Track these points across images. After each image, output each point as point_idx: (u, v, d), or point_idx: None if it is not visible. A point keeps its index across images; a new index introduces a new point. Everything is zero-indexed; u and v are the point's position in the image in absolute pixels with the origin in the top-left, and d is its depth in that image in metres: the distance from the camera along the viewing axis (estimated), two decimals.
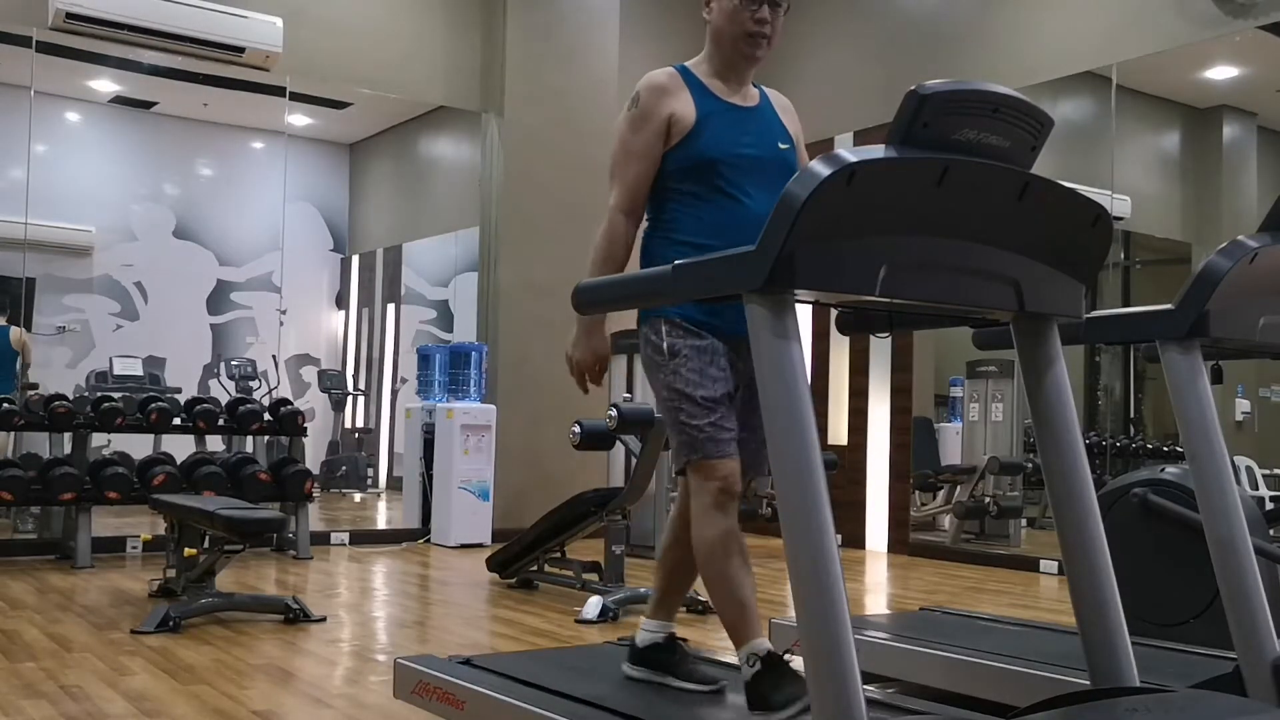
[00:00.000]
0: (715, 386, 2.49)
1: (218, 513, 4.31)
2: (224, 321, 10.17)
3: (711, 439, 2.47)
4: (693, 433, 2.48)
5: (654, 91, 2.56)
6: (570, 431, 5.06)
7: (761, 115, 2.65)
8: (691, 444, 2.48)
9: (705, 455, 2.47)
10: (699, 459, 2.48)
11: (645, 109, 2.55)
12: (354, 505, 10.05)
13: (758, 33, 2.56)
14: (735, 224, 2.46)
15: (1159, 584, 3.52)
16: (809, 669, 1.59)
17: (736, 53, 2.59)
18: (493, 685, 2.61)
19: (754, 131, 2.60)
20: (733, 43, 2.58)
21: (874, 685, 3.15)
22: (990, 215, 1.77)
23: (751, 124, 2.61)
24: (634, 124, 2.56)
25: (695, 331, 2.50)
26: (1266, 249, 2.38)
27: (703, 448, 2.47)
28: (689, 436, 2.48)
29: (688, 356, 2.49)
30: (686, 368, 2.49)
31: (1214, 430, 2.41)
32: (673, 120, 2.54)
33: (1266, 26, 6.00)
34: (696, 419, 2.47)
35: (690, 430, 2.48)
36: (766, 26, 2.56)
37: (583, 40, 8.04)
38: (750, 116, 2.62)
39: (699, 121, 2.54)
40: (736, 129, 2.57)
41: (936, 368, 8.01)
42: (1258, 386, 6.77)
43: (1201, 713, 1.80)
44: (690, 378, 2.48)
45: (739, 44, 2.57)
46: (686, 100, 2.56)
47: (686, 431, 2.49)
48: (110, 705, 3.10)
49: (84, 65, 7.89)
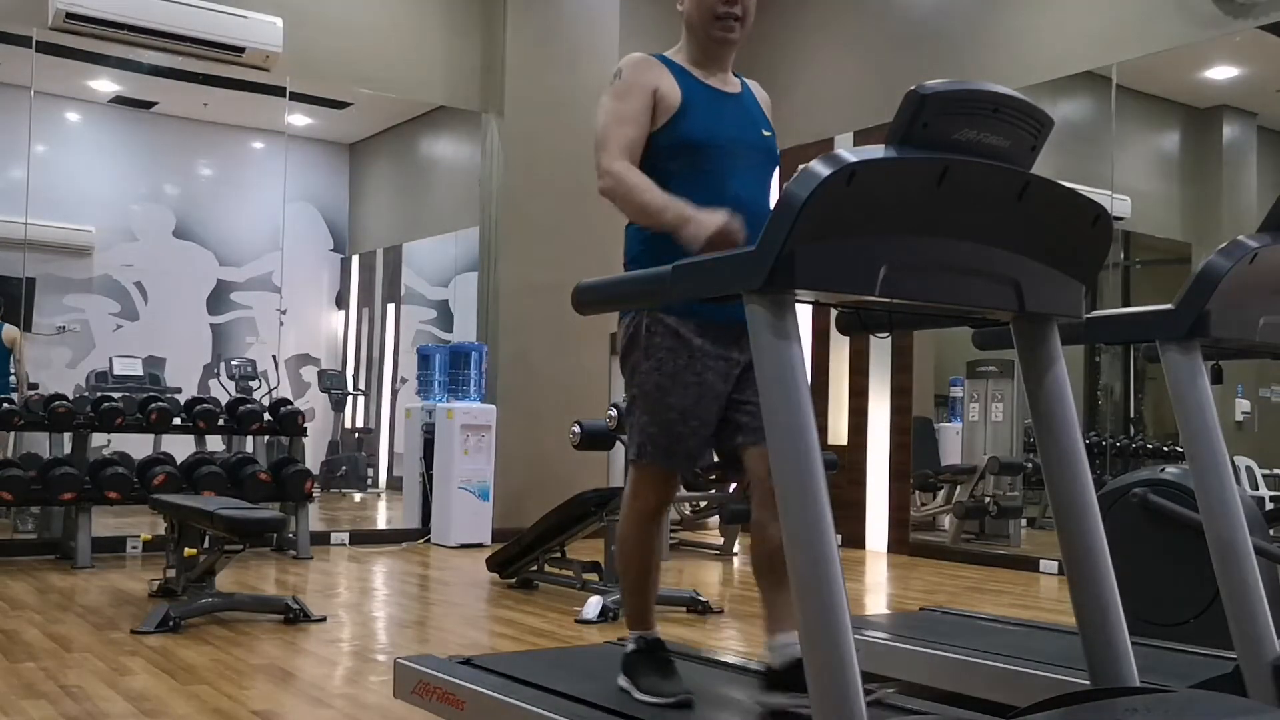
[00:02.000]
0: (686, 393, 2.46)
1: (218, 513, 4.31)
2: (224, 321, 10.17)
3: (664, 450, 2.50)
4: (642, 437, 2.52)
5: (637, 66, 2.55)
6: (570, 431, 5.06)
7: (743, 102, 2.65)
8: (641, 447, 2.53)
9: (650, 460, 2.52)
10: (646, 464, 2.53)
11: (629, 80, 2.52)
12: (354, 505, 10.05)
13: (727, 13, 2.54)
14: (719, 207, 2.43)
15: (1159, 584, 3.52)
16: (809, 669, 1.59)
17: (709, 38, 2.57)
18: (493, 685, 2.61)
19: (736, 116, 2.59)
20: (704, 28, 2.56)
21: (874, 685, 3.14)
22: (990, 215, 1.76)
23: (734, 109, 2.60)
24: (619, 93, 2.51)
25: (675, 331, 2.46)
26: (1266, 249, 2.38)
27: (651, 455, 2.51)
28: (644, 437, 2.52)
29: (662, 360, 2.47)
30: (660, 372, 2.47)
31: (1214, 430, 2.41)
32: (659, 95, 2.50)
33: (1266, 26, 5.99)
34: (654, 425, 2.50)
35: (648, 432, 2.51)
36: (736, 7, 2.54)
37: (583, 41, 8.04)
38: (733, 102, 2.62)
39: (684, 105, 2.51)
40: (719, 113, 2.56)
41: (936, 368, 8.01)
42: (1258, 386, 6.77)
43: (1201, 713, 1.80)
44: (660, 381, 2.48)
45: (710, 28, 2.55)
46: (670, 80, 2.54)
47: (645, 432, 2.52)
48: (110, 705, 3.10)
49: (84, 65, 7.88)
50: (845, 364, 8.06)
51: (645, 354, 2.49)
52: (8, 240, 7.52)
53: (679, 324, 2.46)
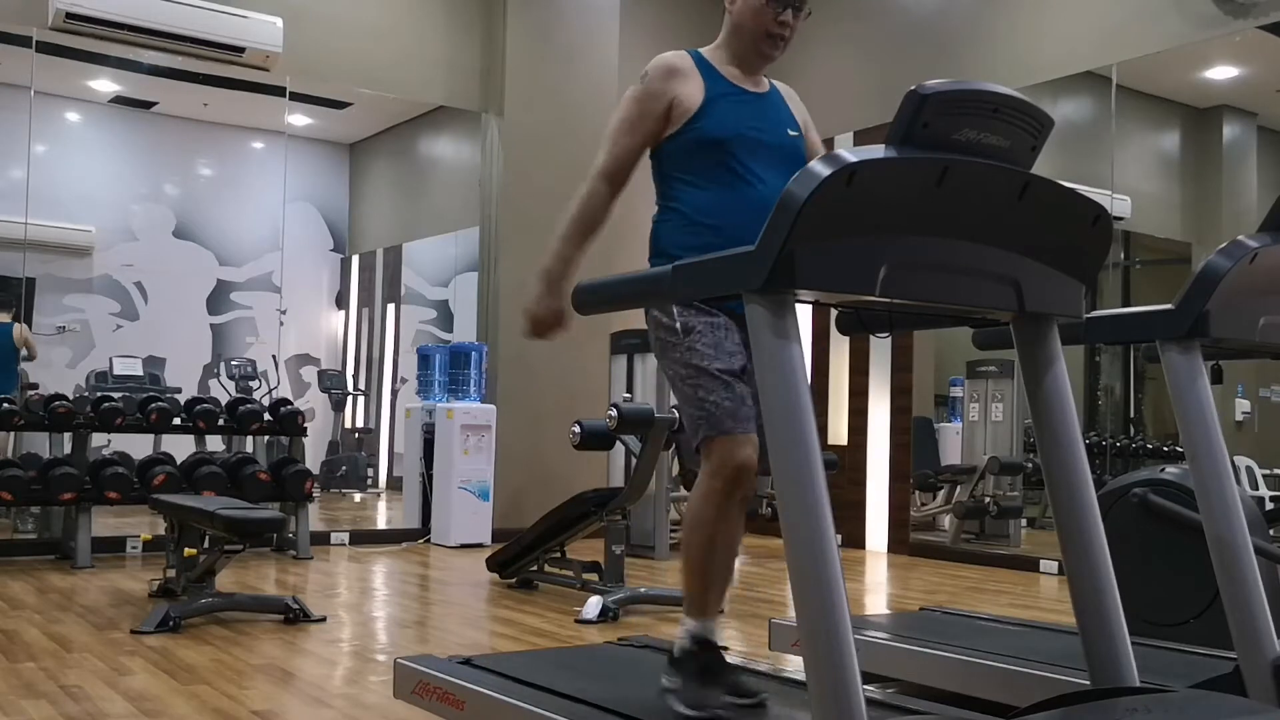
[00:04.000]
0: (733, 360, 2.44)
1: (218, 513, 4.31)
2: (224, 321, 10.16)
3: (730, 414, 2.39)
4: (710, 408, 2.40)
5: (663, 74, 2.58)
6: (570, 431, 5.06)
7: (771, 102, 2.68)
8: (708, 419, 2.40)
9: (723, 431, 2.38)
10: (716, 435, 2.39)
11: (651, 89, 2.57)
12: (354, 505, 10.05)
13: (778, 34, 2.60)
14: (747, 206, 2.45)
15: (1159, 584, 3.52)
16: (809, 669, 1.59)
17: (753, 49, 2.62)
18: (493, 685, 2.61)
19: (763, 116, 2.62)
20: (753, 39, 2.61)
21: (874, 685, 3.15)
22: (990, 215, 1.77)
23: (761, 109, 2.63)
24: (639, 99, 2.57)
25: (706, 309, 2.47)
26: (1266, 249, 2.38)
27: (720, 423, 2.39)
28: (705, 412, 2.40)
29: (701, 332, 2.46)
30: (701, 343, 2.45)
31: (1214, 430, 2.41)
32: (675, 104, 2.55)
33: (1266, 26, 5.99)
34: (714, 393, 2.41)
35: (708, 405, 2.40)
36: (787, 29, 2.60)
37: (583, 40, 8.04)
38: (760, 101, 2.65)
39: (706, 103, 2.55)
40: (745, 112, 2.59)
41: (936, 368, 8.00)
42: (1258, 386, 6.77)
43: (1201, 713, 1.80)
44: (706, 352, 2.44)
45: (759, 42, 2.61)
46: (696, 83, 2.57)
47: (704, 407, 2.41)
48: (110, 705, 3.10)
49: (84, 65, 7.88)
50: (845, 364, 8.06)
51: (684, 332, 2.47)
52: (8, 240, 7.52)
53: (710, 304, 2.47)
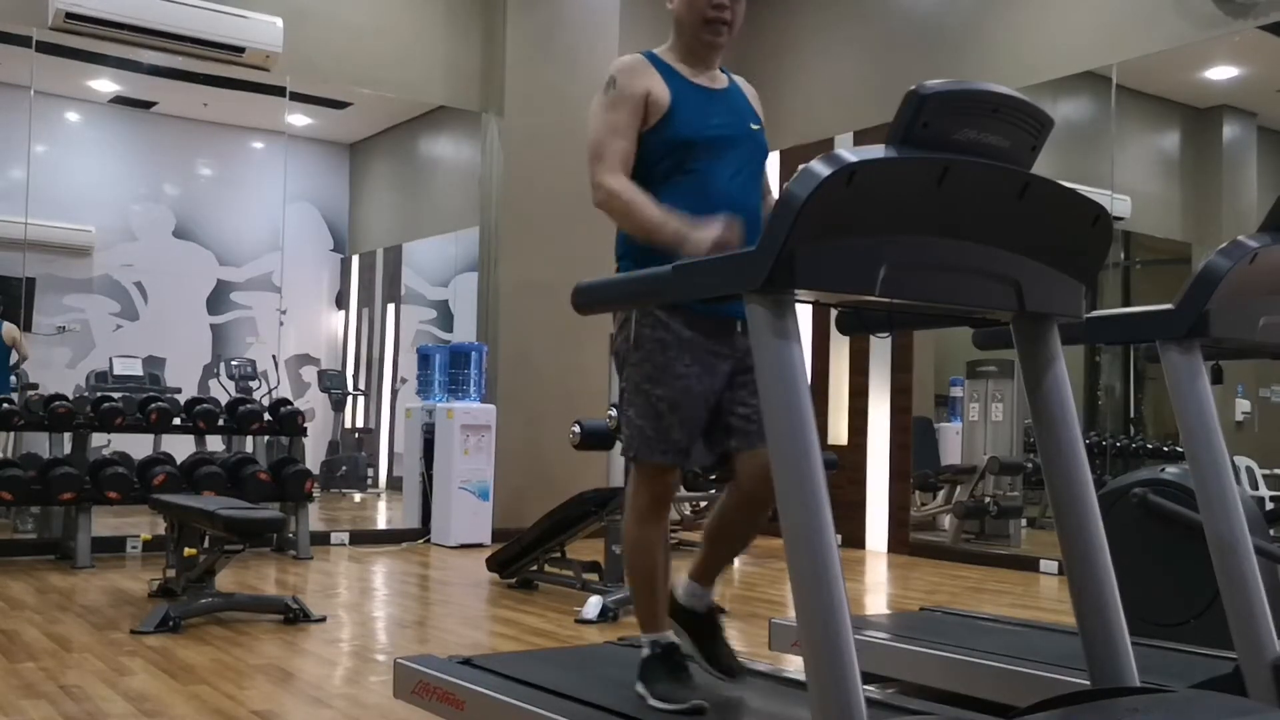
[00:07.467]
0: (674, 385, 2.46)
1: (218, 513, 4.31)
2: (224, 321, 10.17)
3: (650, 444, 2.49)
4: (635, 431, 2.51)
5: (628, 72, 2.58)
6: (570, 431, 5.06)
7: (730, 97, 2.68)
8: (633, 441, 2.52)
9: (643, 457, 2.51)
10: (638, 459, 2.52)
11: (623, 89, 2.56)
12: (354, 505, 10.05)
13: (716, 19, 2.58)
14: (709, 203, 2.42)
15: (1159, 584, 3.52)
16: (809, 669, 1.59)
17: (697, 40, 2.61)
18: (493, 685, 2.61)
19: (724, 112, 2.62)
20: (693, 30, 2.60)
21: (874, 685, 3.15)
22: (990, 215, 1.76)
23: (721, 104, 2.63)
24: (613, 104, 2.56)
25: (664, 323, 2.47)
26: (1266, 249, 2.38)
27: (641, 449, 2.50)
28: (632, 433, 2.52)
29: (650, 351, 2.48)
30: (649, 363, 2.48)
31: (1214, 430, 2.41)
32: (650, 99, 2.55)
33: (1266, 26, 5.99)
34: (642, 418, 2.49)
35: (634, 426, 2.51)
36: (725, 12, 2.58)
37: (582, 41, 8.04)
38: (719, 97, 2.65)
39: (673, 104, 2.55)
40: (706, 109, 2.59)
41: (936, 368, 8.00)
42: (1258, 386, 6.77)
43: (1201, 713, 1.80)
44: (648, 372, 2.48)
45: (699, 31, 2.60)
46: (659, 81, 2.58)
47: (632, 427, 2.52)
48: (110, 705, 3.10)
49: (84, 65, 7.88)
50: (845, 364, 8.06)
51: (634, 345, 2.51)
52: (8, 240, 7.52)
53: (668, 316, 2.47)
